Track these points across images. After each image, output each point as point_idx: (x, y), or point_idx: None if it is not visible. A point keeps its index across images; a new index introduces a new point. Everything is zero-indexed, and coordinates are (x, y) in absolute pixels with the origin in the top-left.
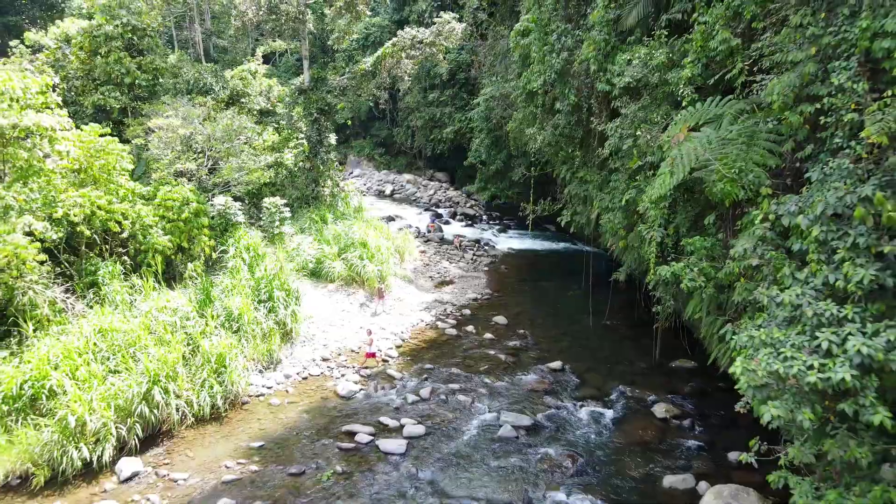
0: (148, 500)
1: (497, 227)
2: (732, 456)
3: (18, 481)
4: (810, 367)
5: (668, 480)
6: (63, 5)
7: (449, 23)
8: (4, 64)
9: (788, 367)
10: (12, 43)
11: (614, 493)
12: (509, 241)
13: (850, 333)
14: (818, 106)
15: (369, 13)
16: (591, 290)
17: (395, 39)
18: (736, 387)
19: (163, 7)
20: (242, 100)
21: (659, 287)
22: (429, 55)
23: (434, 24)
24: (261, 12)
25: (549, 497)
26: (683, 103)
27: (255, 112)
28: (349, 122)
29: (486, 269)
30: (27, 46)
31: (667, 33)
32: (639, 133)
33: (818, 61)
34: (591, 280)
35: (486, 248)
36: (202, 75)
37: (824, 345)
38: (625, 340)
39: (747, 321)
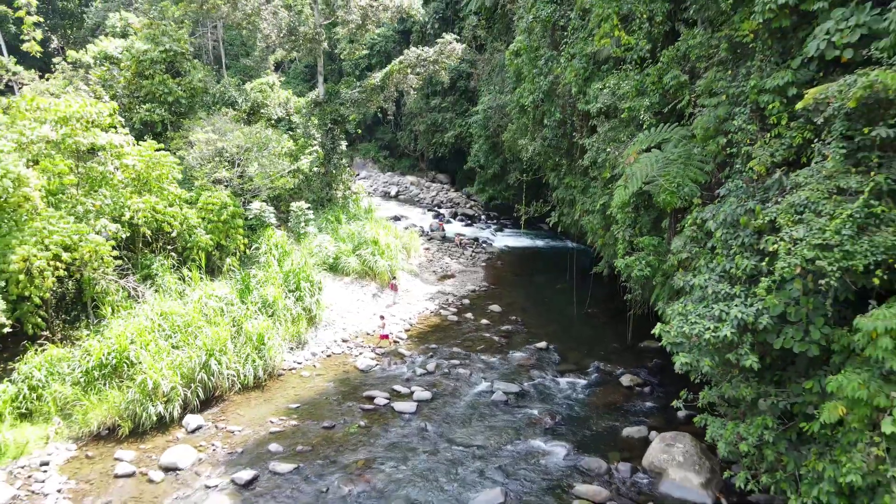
0: (213, 445)
1: (494, 226)
2: (681, 414)
3: (107, 432)
4: (707, 329)
5: (627, 431)
6: (83, 13)
7: (450, 43)
8: (48, 79)
9: (692, 329)
10: (55, 60)
11: (582, 441)
12: (505, 239)
13: (735, 305)
14: (727, 139)
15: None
16: (575, 282)
17: (401, 58)
18: (660, 344)
19: (191, 27)
20: (262, 110)
21: (630, 279)
22: (433, 71)
23: (436, 42)
24: (282, 34)
25: (531, 443)
26: (644, 126)
27: (273, 121)
28: (358, 131)
29: (483, 264)
30: (69, 63)
31: (632, 66)
32: (608, 150)
33: (727, 105)
34: (575, 274)
35: (484, 245)
36: (227, 89)
37: (717, 313)
38: (603, 325)
39: (676, 301)
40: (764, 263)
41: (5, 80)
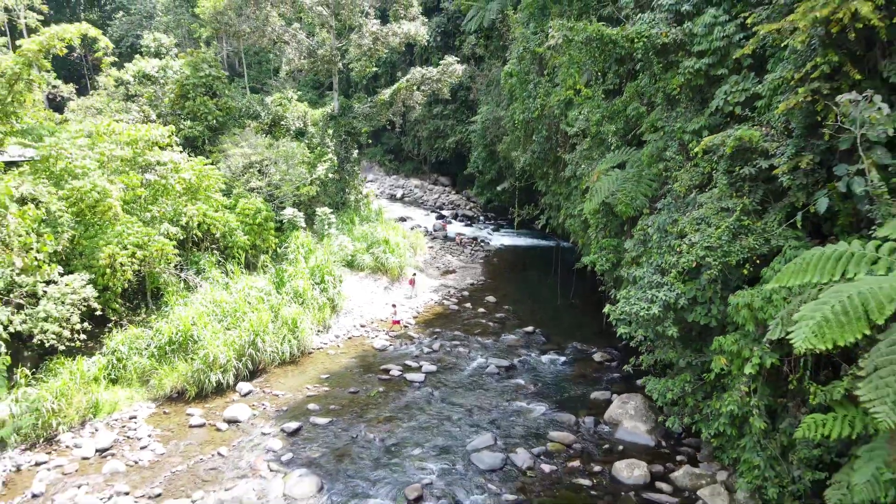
0: (262, 404)
1: (492, 226)
2: (638, 382)
3: (177, 394)
4: (643, 308)
5: (594, 395)
6: (106, 26)
7: (451, 65)
8: (92, 95)
9: (632, 308)
10: (99, 78)
11: (558, 402)
12: (501, 239)
13: (663, 291)
14: (665, 164)
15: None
16: (560, 276)
17: (408, 76)
18: (608, 319)
19: (218, 48)
20: (282, 122)
21: (604, 273)
22: (436, 89)
23: (440, 62)
24: (302, 57)
25: (516, 404)
26: (612, 147)
27: (291, 131)
28: (369, 141)
29: (481, 261)
30: (113, 80)
31: (603, 97)
32: (583, 165)
33: (664, 139)
34: (561, 269)
35: (482, 244)
36: (251, 104)
37: (650, 296)
38: (583, 313)
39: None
40: (675, 259)
41: (46, 93)
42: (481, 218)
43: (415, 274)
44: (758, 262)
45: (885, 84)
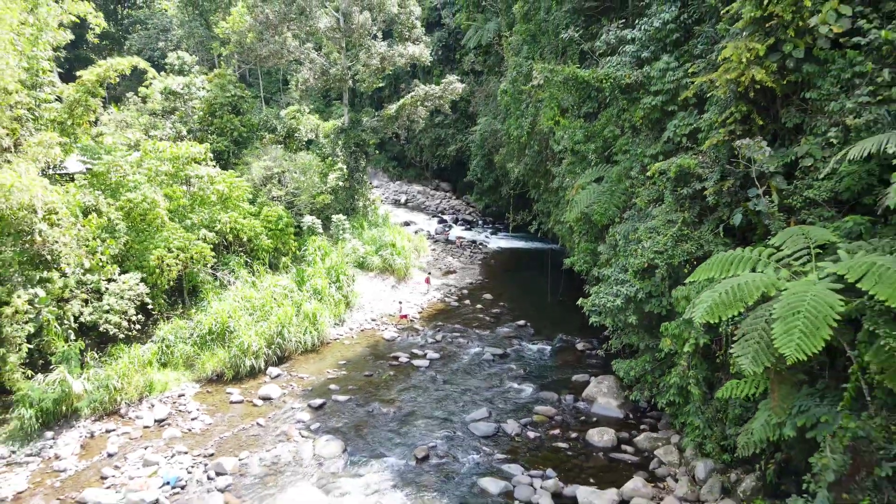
0: (291, 385)
1: (490, 230)
2: (613, 368)
3: (217, 377)
4: (609, 301)
5: (575, 377)
6: (124, 39)
7: (452, 83)
8: (120, 110)
9: (601, 300)
10: (128, 94)
11: (543, 383)
12: (498, 242)
13: (626, 287)
14: (630, 182)
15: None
16: (551, 276)
17: (412, 93)
18: (582, 310)
19: (237, 64)
20: (296, 134)
21: (587, 273)
22: (438, 105)
23: (441, 80)
24: (316, 76)
25: (507, 385)
26: (592, 163)
27: (304, 142)
28: (376, 151)
29: (479, 262)
30: (140, 98)
31: (584, 119)
32: (568, 179)
33: (630, 161)
34: (551, 270)
35: (481, 246)
36: (269, 118)
37: (615, 291)
38: (570, 309)
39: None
40: (634, 261)
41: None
42: (480, 222)
43: (430, 273)
44: (695, 263)
45: (783, 128)
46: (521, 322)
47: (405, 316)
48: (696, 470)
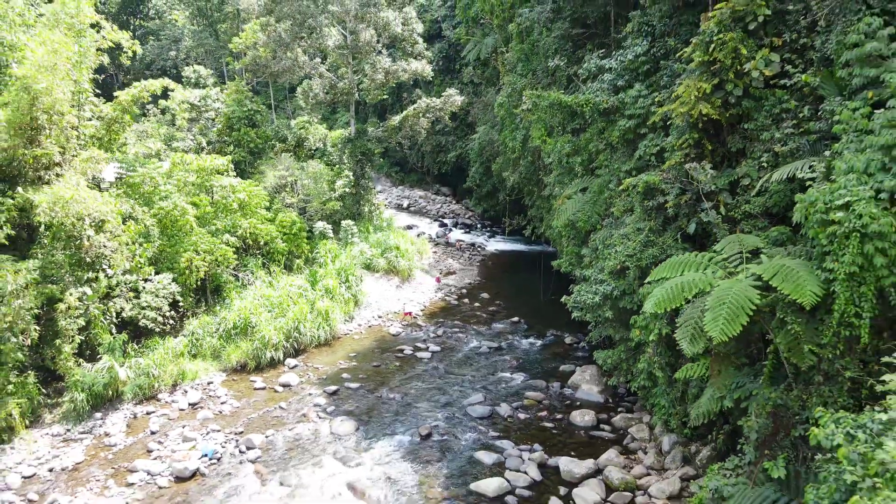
0: (307, 374)
1: (488, 233)
2: (598, 361)
3: (240, 367)
4: (590, 298)
5: (562, 367)
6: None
7: (452, 96)
8: (145, 123)
9: (582, 298)
10: (148, 107)
11: (533, 373)
12: (496, 245)
13: (603, 286)
14: (609, 193)
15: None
16: (543, 277)
17: (415, 106)
18: (566, 307)
19: (252, 78)
20: (305, 143)
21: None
22: (439, 116)
23: (441, 94)
24: (325, 90)
25: (501, 374)
26: (579, 175)
27: (312, 151)
28: (381, 159)
29: (478, 264)
30: (159, 109)
31: (571, 134)
32: (558, 188)
33: (609, 175)
34: (544, 270)
35: (479, 249)
36: (280, 129)
37: (594, 290)
38: (560, 307)
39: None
40: (609, 263)
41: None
42: (478, 226)
43: (441, 273)
44: (659, 264)
45: (729, 152)
46: (515, 319)
47: (409, 313)
48: (663, 443)
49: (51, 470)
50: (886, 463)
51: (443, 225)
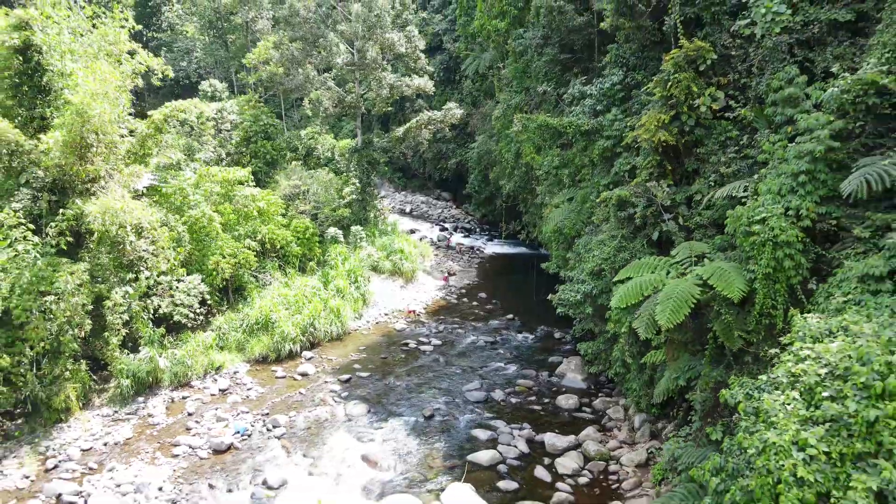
0: (322, 365)
1: (486, 237)
2: (579, 348)
3: (262, 358)
4: (573, 296)
5: (551, 359)
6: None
7: (451, 109)
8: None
9: (566, 296)
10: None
11: (525, 364)
12: (493, 248)
13: (585, 285)
14: (590, 203)
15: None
16: (536, 277)
17: (417, 118)
18: (552, 304)
19: (263, 92)
20: (314, 153)
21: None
22: (440, 128)
23: (442, 108)
24: (333, 104)
25: (496, 364)
26: (566, 185)
27: (321, 160)
28: (386, 168)
29: (476, 265)
30: (179, 122)
31: (559, 149)
32: (547, 198)
33: (589, 187)
34: (537, 272)
35: (478, 252)
36: (291, 139)
37: (576, 289)
38: (550, 306)
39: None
40: (587, 265)
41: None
42: (477, 230)
43: (449, 273)
44: None
45: (686, 171)
46: (510, 316)
47: (413, 311)
48: (634, 421)
49: (105, 444)
50: (765, 410)
51: (443, 229)
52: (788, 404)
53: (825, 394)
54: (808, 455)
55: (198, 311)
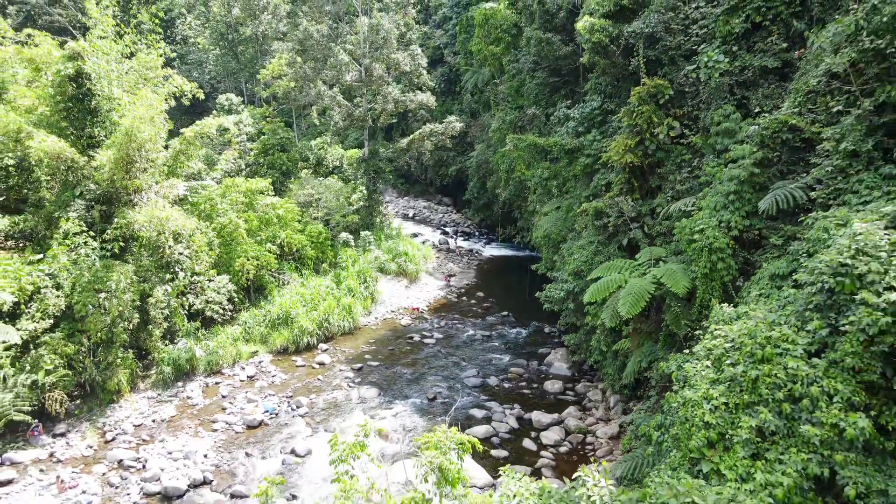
0: (337, 355)
1: (484, 240)
2: (564, 339)
3: (283, 350)
4: (557, 293)
5: (541, 350)
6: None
7: (452, 122)
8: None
9: (553, 293)
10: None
11: (517, 354)
12: (491, 250)
13: (568, 284)
14: (573, 213)
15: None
16: (530, 278)
17: (420, 130)
18: (540, 301)
19: (276, 105)
20: (324, 162)
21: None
22: (441, 140)
23: (443, 121)
24: (343, 118)
25: (491, 355)
26: (555, 195)
27: (331, 168)
28: (390, 176)
29: (475, 267)
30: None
31: (549, 162)
32: (538, 205)
33: (573, 198)
34: (530, 273)
35: (476, 254)
36: (303, 149)
37: (560, 287)
38: (542, 304)
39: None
40: (569, 267)
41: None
42: (476, 233)
43: (450, 274)
44: None
45: (651, 187)
46: (505, 313)
47: (416, 308)
48: (610, 401)
49: (153, 421)
50: (688, 376)
51: (445, 233)
52: (703, 371)
53: (727, 361)
54: (713, 405)
55: (226, 307)
